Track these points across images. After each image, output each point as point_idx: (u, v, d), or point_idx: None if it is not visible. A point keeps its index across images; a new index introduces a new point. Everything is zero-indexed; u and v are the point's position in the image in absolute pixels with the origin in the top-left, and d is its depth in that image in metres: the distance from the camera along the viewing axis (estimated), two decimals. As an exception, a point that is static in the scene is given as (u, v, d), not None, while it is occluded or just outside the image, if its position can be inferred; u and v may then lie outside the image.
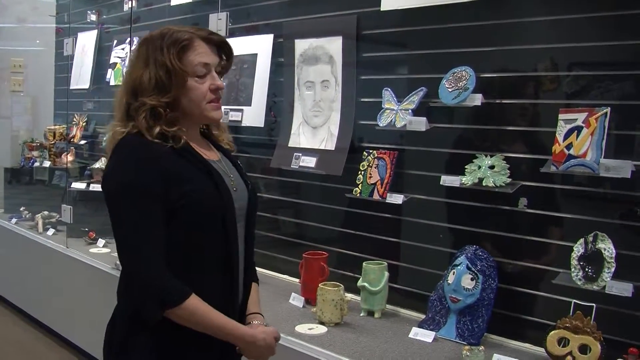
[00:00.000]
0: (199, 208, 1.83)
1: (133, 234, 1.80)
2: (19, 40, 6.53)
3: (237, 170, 2.06)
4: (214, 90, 1.91)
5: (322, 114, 3.54)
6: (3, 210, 6.10)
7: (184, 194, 1.80)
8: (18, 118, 6.58)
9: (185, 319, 1.80)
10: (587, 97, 2.57)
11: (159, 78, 1.84)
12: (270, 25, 3.90)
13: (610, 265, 2.36)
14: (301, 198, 3.81)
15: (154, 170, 1.79)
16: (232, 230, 1.90)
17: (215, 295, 1.86)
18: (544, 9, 2.69)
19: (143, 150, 1.81)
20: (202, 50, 1.90)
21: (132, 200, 1.79)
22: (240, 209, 1.97)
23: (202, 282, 1.85)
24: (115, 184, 1.82)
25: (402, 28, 3.19)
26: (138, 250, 1.79)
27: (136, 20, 4.88)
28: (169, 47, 1.86)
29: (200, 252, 1.87)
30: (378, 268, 3.02)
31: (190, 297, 1.79)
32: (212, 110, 1.93)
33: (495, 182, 2.70)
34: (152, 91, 1.84)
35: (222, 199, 1.88)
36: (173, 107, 1.87)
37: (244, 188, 2.03)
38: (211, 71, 1.91)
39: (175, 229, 1.81)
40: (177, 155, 1.84)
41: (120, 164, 1.84)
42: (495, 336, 2.76)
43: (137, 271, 1.80)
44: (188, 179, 1.83)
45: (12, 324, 5.25)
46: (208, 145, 2.04)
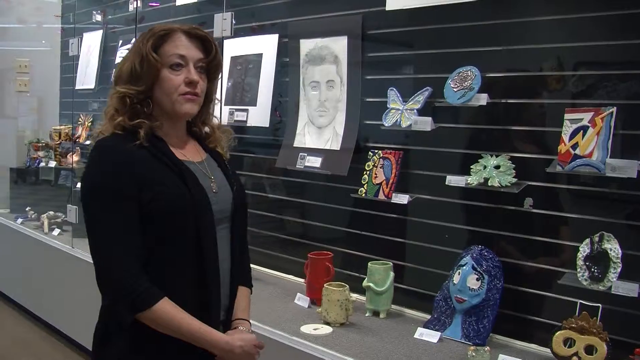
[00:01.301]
0: (169, 210, 1.80)
1: (104, 236, 1.78)
2: (24, 41, 6.54)
3: (222, 172, 2.02)
4: (188, 83, 1.85)
5: (328, 113, 3.54)
6: (9, 210, 6.11)
7: (154, 197, 1.78)
8: (24, 118, 6.60)
9: (157, 323, 1.77)
10: (593, 96, 2.57)
11: (134, 67, 1.85)
12: (275, 25, 3.90)
13: (617, 266, 2.35)
14: (306, 198, 3.81)
15: (126, 172, 1.77)
16: (207, 233, 1.86)
17: (189, 300, 1.82)
18: (550, 8, 2.69)
19: (116, 152, 1.81)
20: (180, 43, 1.86)
21: (103, 202, 1.78)
22: (222, 212, 1.93)
23: (175, 285, 1.81)
24: (88, 186, 1.82)
25: (408, 28, 3.18)
26: (109, 252, 1.77)
27: (141, 20, 4.90)
28: (149, 38, 1.86)
29: (173, 255, 1.82)
30: (383, 268, 3.02)
31: (161, 301, 1.76)
32: (183, 102, 1.87)
33: (500, 182, 2.69)
34: (127, 80, 1.86)
35: (194, 201, 1.83)
36: (146, 98, 1.86)
37: (227, 190, 1.98)
38: (188, 64, 1.86)
39: (148, 232, 1.78)
40: (151, 156, 1.83)
41: (93, 166, 1.84)
42: (501, 336, 2.75)
43: (108, 273, 1.78)
44: (159, 180, 1.81)
45: (17, 324, 5.26)
46: (194, 145, 2.01)
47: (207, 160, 2.00)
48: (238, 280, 2.02)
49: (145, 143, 1.82)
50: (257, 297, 3.29)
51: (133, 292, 1.74)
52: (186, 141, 1.99)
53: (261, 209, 4.02)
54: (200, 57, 1.89)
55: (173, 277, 1.82)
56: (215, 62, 1.95)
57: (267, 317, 3.00)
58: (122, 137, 1.83)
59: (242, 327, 1.97)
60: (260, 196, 4.05)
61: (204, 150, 2.03)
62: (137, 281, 1.75)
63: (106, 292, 1.80)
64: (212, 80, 1.98)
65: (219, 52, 1.95)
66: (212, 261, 1.87)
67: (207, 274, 1.85)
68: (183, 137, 1.98)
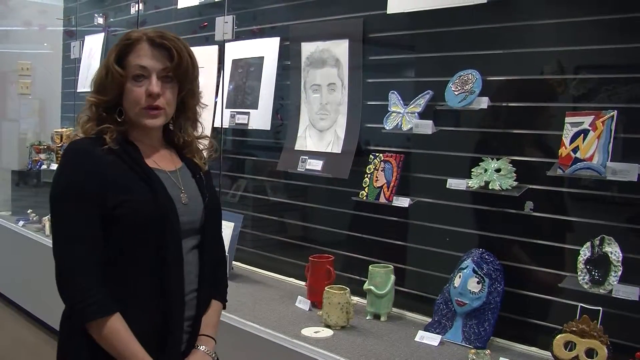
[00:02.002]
0: (134, 217, 1.77)
1: (64, 240, 1.77)
2: (26, 44, 6.56)
3: (196, 183, 1.98)
4: (149, 96, 1.81)
5: (329, 117, 3.55)
6: (10, 212, 6.12)
7: (119, 203, 1.76)
8: (25, 121, 6.61)
9: (102, 338, 1.75)
10: (594, 100, 2.56)
11: (101, 77, 1.84)
12: (276, 28, 3.91)
13: (617, 269, 2.35)
14: (307, 201, 3.81)
15: (91, 176, 1.75)
16: (172, 243, 1.82)
17: (150, 310, 1.81)
18: (551, 11, 2.69)
19: (83, 155, 1.79)
20: (143, 53, 1.82)
21: (67, 205, 1.77)
22: (191, 223, 1.90)
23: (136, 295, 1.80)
24: (54, 189, 1.81)
25: (409, 31, 3.19)
26: (67, 257, 1.76)
27: (143, 23, 4.91)
28: (115, 47, 1.85)
29: (137, 262, 1.80)
30: (384, 271, 3.02)
31: (112, 317, 1.74)
32: (144, 116, 1.83)
33: (501, 186, 2.69)
34: (95, 89, 1.85)
35: (159, 210, 1.80)
36: (115, 106, 1.84)
37: (199, 202, 1.95)
38: (150, 75, 1.81)
39: (112, 239, 1.77)
40: (120, 160, 1.81)
41: (61, 169, 1.84)
42: (502, 340, 2.75)
43: (64, 278, 1.77)
44: (125, 186, 1.79)
45: (18, 325, 5.27)
46: (169, 153, 1.98)
47: (181, 170, 1.97)
48: (207, 293, 1.98)
49: (115, 146, 1.80)
50: (258, 300, 3.32)
51: (83, 301, 1.73)
52: (159, 149, 1.95)
53: (262, 212, 4.03)
54: (165, 66, 1.83)
55: (133, 286, 1.80)
56: (182, 69, 1.86)
57: (268, 320, 3.00)
58: (93, 141, 1.82)
59: (203, 347, 1.93)
60: (262, 199, 4.06)
61: (179, 160, 2.00)
62: (90, 290, 1.73)
63: (61, 296, 1.78)
64: (186, 87, 1.90)
65: (185, 58, 1.86)
66: (175, 272, 1.83)
67: (168, 284, 1.82)
68: (157, 145, 1.95)
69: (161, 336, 1.82)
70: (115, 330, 1.74)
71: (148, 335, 1.80)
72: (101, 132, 1.82)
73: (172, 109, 1.89)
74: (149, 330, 1.80)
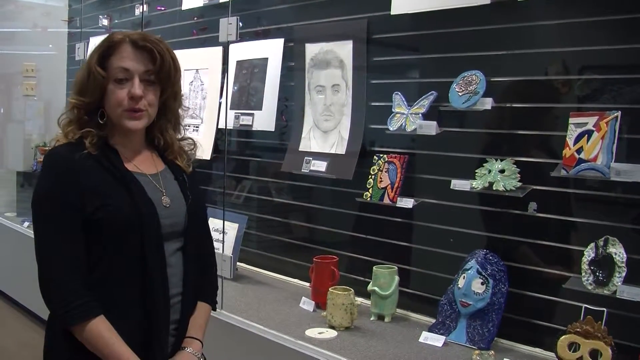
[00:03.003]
0: (113, 222, 1.77)
1: (44, 245, 1.78)
2: (31, 45, 6.57)
3: (178, 185, 1.96)
4: (131, 98, 1.80)
5: (333, 118, 3.55)
6: (16, 214, 6.13)
7: (98, 208, 1.76)
8: (31, 122, 6.62)
9: (87, 340, 1.74)
10: (598, 100, 2.56)
11: (82, 78, 1.84)
12: (280, 29, 3.91)
13: (621, 270, 2.35)
14: (312, 202, 3.81)
15: (70, 182, 1.75)
16: (152, 247, 1.81)
17: (132, 314, 1.80)
18: (554, 12, 2.68)
19: (62, 161, 1.79)
20: (125, 55, 1.81)
21: (46, 211, 1.78)
22: (173, 226, 1.89)
23: (118, 299, 1.79)
24: (34, 195, 1.81)
25: (412, 32, 3.19)
26: (48, 262, 1.76)
27: (147, 24, 4.91)
28: (97, 49, 1.84)
29: (118, 267, 1.79)
30: (388, 272, 3.02)
31: (95, 319, 1.74)
32: (126, 119, 1.82)
33: (505, 186, 2.69)
34: (77, 91, 1.85)
35: (139, 214, 1.79)
36: (97, 109, 1.84)
37: (181, 204, 1.93)
38: (133, 77, 1.80)
39: (92, 244, 1.77)
40: (99, 165, 1.80)
41: (41, 175, 1.84)
42: (506, 341, 2.75)
43: (46, 283, 1.77)
44: (104, 192, 1.78)
45: (24, 326, 5.27)
46: (150, 156, 1.97)
47: (163, 172, 1.96)
48: (193, 295, 1.97)
49: (94, 152, 1.80)
50: (262, 301, 3.33)
51: (66, 305, 1.73)
52: (141, 152, 1.95)
53: (266, 213, 4.03)
54: (148, 68, 1.83)
55: (116, 290, 1.79)
56: (164, 72, 1.85)
57: (272, 321, 3.00)
58: (73, 146, 1.81)
59: (189, 349, 1.92)
60: (266, 200, 4.06)
61: (162, 162, 1.98)
62: (73, 295, 1.73)
63: (44, 301, 1.78)
64: (168, 90, 1.90)
65: (167, 61, 1.85)
66: (157, 275, 1.82)
67: (151, 288, 1.81)
68: (138, 148, 1.94)
69: (146, 340, 1.81)
70: (100, 332, 1.74)
71: (133, 339, 1.79)
72: (82, 137, 1.81)
73: (154, 111, 1.89)
74: (134, 335, 1.79)
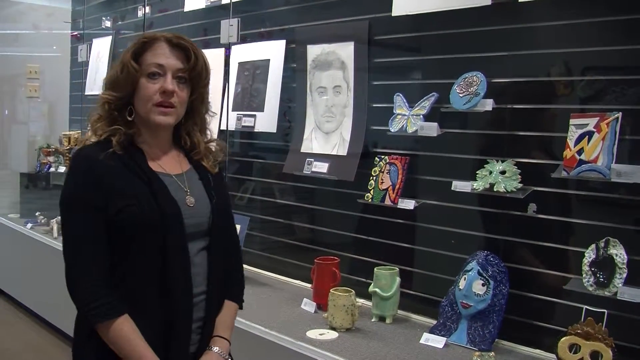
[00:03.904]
0: (136, 222, 1.78)
1: (71, 245, 1.81)
2: (35, 47, 6.59)
3: (203, 185, 1.98)
4: (162, 93, 1.83)
5: (335, 119, 3.55)
6: (19, 215, 6.15)
7: (122, 208, 1.77)
8: (35, 124, 6.64)
9: (110, 339, 1.77)
10: (599, 102, 2.56)
11: (115, 73, 1.86)
12: (282, 30, 3.92)
13: (622, 271, 2.34)
14: (313, 203, 3.82)
15: (95, 183, 1.78)
16: (176, 246, 1.83)
17: (155, 312, 1.81)
18: (555, 13, 2.68)
19: (88, 162, 1.81)
20: (160, 52, 1.85)
21: (72, 212, 1.81)
22: (198, 226, 1.90)
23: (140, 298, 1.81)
24: (62, 196, 1.84)
25: (413, 33, 3.20)
26: (74, 262, 1.80)
27: (150, 26, 4.93)
28: (133, 45, 1.87)
29: (141, 267, 1.81)
30: (389, 273, 3.02)
31: (119, 318, 1.76)
32: (156, 113, 1.85)
33: (506, 188, 2.69)
34: (109, 86, 1.88)
35: (162, 214, 1.81)
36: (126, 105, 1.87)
37: (206, 203, 1.94)
38: (166, 74, 1.84)
39: (117, 243, 1.79)
40: (123, 166, 1.82)
41: (68, 176, 1.87)
42: (507, 342, 2.75)
43: (72, 283, 1.80)
44: (128, 192, 1.80)
45: (28, 328, 5.29)
46: (176, 156, 1.98)
47: (188, 173, 1.97)
48: (218, 294, 1.98)
49: (120, 151, 1.82)
50: (264, 302, 3.33)
51: (90, 304, 1.76)
52: (167, 152, 1.96)
53: (268, 214, 4.04)
54: (181, 66, 1.86)
55: (138, 290, 1.81)
56: (196, 71, 1.89)
57: (274, 322, 3.00)
58: (99, 146, 1.83)
59: (216, 348, 1.94)
60: (268, 201, 4.07)
61: (187, 162, 2.00)
62: (96, 293, 1.76)
63: (71, 299, 1.81)
64: (197, 90, 1.93)
65: (200, 61, 1.89)
66: (179, 275, 1.83)
67: (173, 288, 1.82)
68: (164, 148, 1.96)
69: (167, 339, 1.83)
70: (123, 331, 1.76)
71: (154, 339, 1.80)
72: (111, 134, 1.84)
73: (182, 110, 1.91)
74: (155, 334, 1.81)
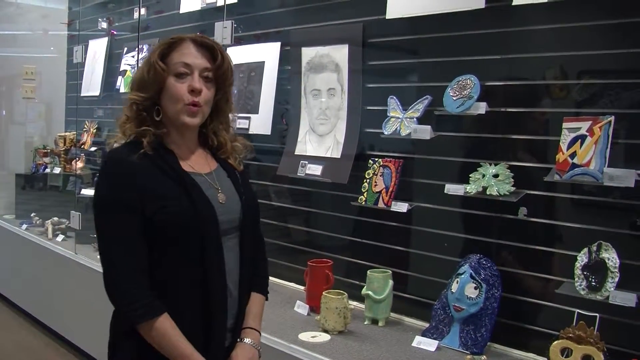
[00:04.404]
0: (173, 223, 1.81)
1: (108, 248, 1.83)
2: (32, 48, 6.59)
3: (232, 182, 2.01)
4: (191, 91, 1.85)
5: (329, 121, 3.55)
6: (14, 216, 6.14)
7: (158, 209, 1.80)
8: (32, 125, 6.64)
9: (151, 338, 1.79)
10: (592, 105, 2.56)
11: (142, 74, 1.89)
12: (277, 33, 3.91)
13: (614, 275, 2.34)
14: (307, 206, 3.81)
15: (129, 184, 1.80)
16: (212, 245, 1.86)
17: (193, 309, 1.84)
18: (549, 17, 2.68)
19: (121, 164, 1.83)
20: (187, 51, 1.87)
21: (108, 214, 1.82)
22: (229, 222, 1.93)
23: (179, 296, 1.84)
24: (95, 198, 1.87)
25: (408, 36, 3.19)
26: (112, 264, 1.81)
27: (147, 28, 4.92)
28: (160, 46, 1.90)
29: (178, 266, 1.84)
30: (382, 276, 3.02)
31: (160, 317, 1.78)
32: (186, 113, 1.87)
33: (499, 191, 2.69)
34: (136, 87, 1.90)
35: (197, 214, 1.83)
36: (153, 105, 1.89)
37: (236, 200, 1.98)
38: (193, 73, 1.86)
39: (153, 243, 1.81)
40: (156, 167, 1.84)
41: (100, 178, 1.89)
42: (499, 345, 2.74)
43: (111, 284, 1.81)
44: (162, 193, 1.82)
45: (21, 329, 5.28)
46: (204, 155, 2.01)
47: (217, 171, 2.00)
48: (247, 288, 2.01)
49: (150, 152, 1.84)
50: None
51: (131, 304, 1.78)
52: (195, 151, 1.99)
53: (262, 217, 4.01)
54: (207, 66, 1.89)
55: (176, 290, 1.84)
56: (222, 71, 1.92)
57: (266, 324, 2.97)
58: (130, 147, 1.86)
59: (248, 340, 1.97)
60: (261, 204, 4.03)
61: (214, 161, 2.03)
62: (137, 294, 1.78)
63: (111, 301, 1.83)
64: (222, 90, 1.96)
65: (226, 61, 1.92)
66: (217, 270, 1.87)
67: (211, 283, 1.85)
68: (192, 147, 1.98)
69: (206, 336, 1.86)
70: (164, 330, 1.79)
71: (193, 333, 1.83)
72: (139, 135, 1.86)
73: (208, 109, 1.94)
74: (193, 334, 1.84)
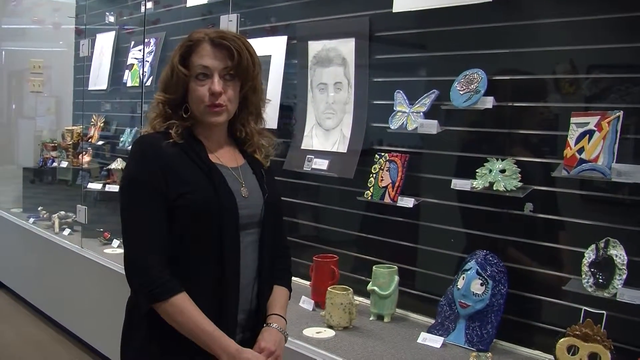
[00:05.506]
0: (194, 209, 1.85)
1: (132, 227, 1.87)
2: (40, 41, 6.60)
3: (256, 178, 2.04)
4: (211, 94, 1.89)
5: (335, 116, 3.53)
6: (21, 209, 6.16)
7: (181, 195, 1.84)
8: (41, 118, 6.65)
9: (171, 317, 1.81)
10: (600, 100, 2.53)
11: (167, 76, 1.94)
12: (284, 26, 3.89)
13: (622, 272, 2.31)
14: (313, 200, 3.79)
15: (157, 167, 1.85)
16: (230, 235, 1.89)
17: (207, 297, 1.86)
18: (557, 10, 2.65)
19: (150, 147, 1.89)
20: (205, 53, 1.90)
21: (133, 193, 1.87)
22: (251, 217, 1.96)
23: (194, 282, 1.86)
24: (122, 179, 1.94)
25: (414, 30, 3.16)
26: (135, 243, 1.86)
27: (155, 21, 4.92)
28: (179, 48, 1.94)
29: (195, 253, 1.87)
30: (388, 272, 3.00)
31: (179, 295, 1.81)
32: (209, 115, 1.92)
33: (506, 186, 2.66)
34: (162, 88, 1.96)
35: (219, 203, 1.87)
36: (181, 103, 1.94)
37: (259, 196, 2.01)
38: (212, 75, 1.89)
39: (174, 228, 1.85)
40: (184, 154, 1.90)
41: (130, 160, 1.94)
42: (505, 342, 2.72)
43: (132, 262, 1.85)
44: (187, 180, 1.87)
45: (28, 322, 5.30)
46: (232, 150, 2.04)
47: (243, 167, 2.03)
48: (267, 282, 2.04)
49: (180, 141, 1.89)
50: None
51: (152, 282, 1.80)
52: (223, 145, 2.03)
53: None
54: (226, 65, 1.91)
55: (193, 274, 1.87)
56: (242, 67, 1.92)
57: (271, 320, 2.98)
58: (161, 135, 1.91)
59: (275, 325, 1.99)
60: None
61: (242, 157, 2.06)
62: (158, 273, 1.81)
63: (130, 280, 1.86)
64: (247, 83, 1.97)
65: (245, 57, 1.92)
66: (232, 263, 1.89)
67: (226, 275, 1.88)
68: (221, 141, 2.02)
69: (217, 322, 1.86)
70: (185, 306, 1.81)
71: None
72: (169, 128, 1.92)
73: (234, 106, 1.97)
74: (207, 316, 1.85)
